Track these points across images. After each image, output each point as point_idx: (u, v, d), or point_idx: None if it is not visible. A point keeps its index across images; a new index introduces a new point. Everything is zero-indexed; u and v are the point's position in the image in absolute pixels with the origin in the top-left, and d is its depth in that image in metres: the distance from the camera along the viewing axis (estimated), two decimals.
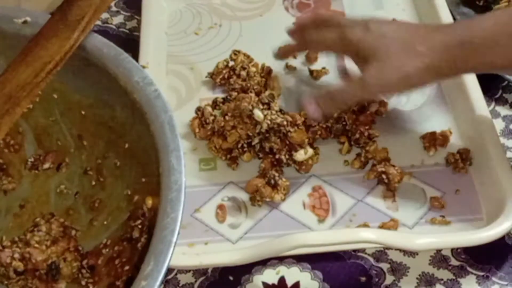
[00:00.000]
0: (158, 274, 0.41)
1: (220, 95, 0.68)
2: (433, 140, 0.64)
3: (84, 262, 0.53)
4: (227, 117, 0.63)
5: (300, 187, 0.62)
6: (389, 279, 0.57)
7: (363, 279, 0.57)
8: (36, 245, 0.53)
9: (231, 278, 0.58)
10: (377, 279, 0.57)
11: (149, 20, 0.74)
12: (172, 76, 0.72)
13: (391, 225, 0.58)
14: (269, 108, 0.62)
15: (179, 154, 0.46)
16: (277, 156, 0.62)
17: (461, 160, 0.61)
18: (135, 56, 0.68)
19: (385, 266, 0.58)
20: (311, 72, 0.70)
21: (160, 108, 0.48)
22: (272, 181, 0.60)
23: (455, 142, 0.64)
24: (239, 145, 0.63)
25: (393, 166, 0.61)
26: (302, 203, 0.61)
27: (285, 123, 0.61)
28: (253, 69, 0.69)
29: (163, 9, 0.78)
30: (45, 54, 0.49)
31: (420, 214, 0.60)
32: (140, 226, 0.49)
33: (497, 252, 0.58)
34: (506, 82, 0.70)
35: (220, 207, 0.61)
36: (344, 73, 0.70)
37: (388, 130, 0.66)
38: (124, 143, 0.52)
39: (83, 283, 0.53)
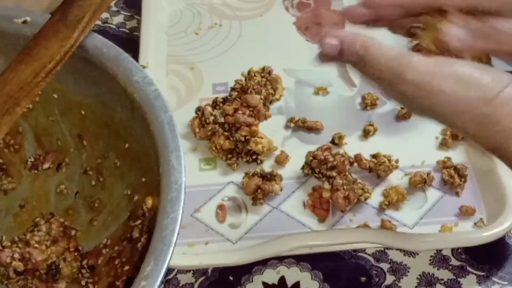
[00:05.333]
0: (158, 274, 0.41)
1: (220, 95, 0.68)
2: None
3: (84, 262, 0.53)
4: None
5: (300, 187, 0.62)
6: (389, 279, 0.57)
7: (363, 279, 0.57)
8: (36, 245, 0.53)
9: (231, 278, 0.58)
10: (377, 279, 0.57)
11: (149, 20, 0.74)
12: (172, 76, 0.72)
13: (391, 225, 0.59)
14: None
15: (179, 154, 0.46)
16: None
17: (458, 176, 0.61)
18: (135, 56, 0.68)
19: (385, 266, 0.58)
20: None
21: (160, 108, 0.48)
22: (268, 175, 0.61)
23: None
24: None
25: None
26: (302, 203, 0.61)
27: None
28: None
29: (163, 9, 0.78)
30: (45, 54, 0.49)
31: (420, 214, 0.60)
32: (140, 226, 0.49)
33: (497, 252, 0.58)
34: None
35: (220, 207, 0.61)
36: None
37: (388, 130, 0.66)
38: (124, 143, 0.52)
39: (83, 283, 0.53)
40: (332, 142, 0.65)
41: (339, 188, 0.59)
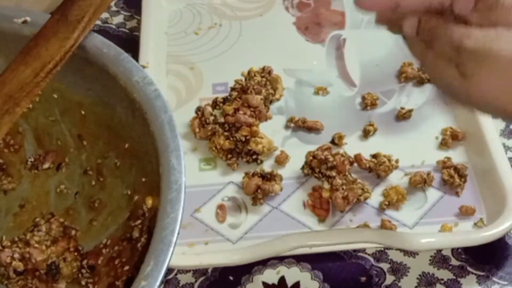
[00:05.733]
0: (158, 274, 0.41)
1: (220, 95, 0.68)
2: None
3: (84, 262, 0.53)
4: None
5: (300, 187, 0.62)
6: (389, 279, 0.57)
7: (363, 279, 0.57)
8: (36, 245, 0.53)
9: (231, 278, 0.58)
10: (377, 279, 0.57)
11: (149, 20, 0.74)
12: (172, 76, 0.72)
13: (391, 225, 0.59)
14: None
15: (179, 154, 0.46)
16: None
17: (458, 176, 0.61)
18: (135, 56, 0.68)
19: (385, 266, 0.58)
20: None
21: (160, 108, 0.48)
22: (268, 175, 0.61)
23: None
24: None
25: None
26: (302, 203, 0.61)
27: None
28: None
29: (163, 9, 0.78)
30: (45, 54, 0.49)
31: (420, 214, 0.60)
32: (140, 226, 0.49)
33: (497, 252, 0.58)
34: None
35: (220, 207, 0.61)
36: None
37: (388, 130, 0.66)
38: (124, 143, 0.52)
39: (83, 283, 0.53)
40: (332, 142, 0.65)
41: (338, 188, 0.59)
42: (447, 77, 0.44)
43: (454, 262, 0.58)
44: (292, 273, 0.58)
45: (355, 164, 0.63)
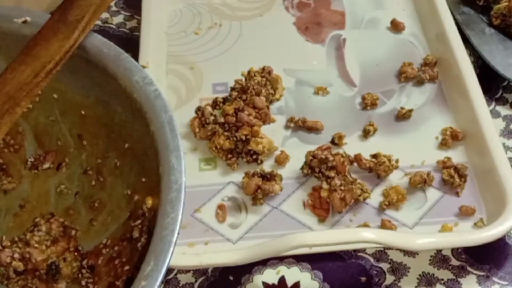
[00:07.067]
0: (158, 274, 0.41)
1: (220, 95, 0.68)
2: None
3: (84, 262, 0.53)
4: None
5: (300, 187, 0.62)
6: (389, 279, 0.57)
7: (363, 279, 0.57)
8: (36, 245, 0.53)
9: (231, 278, 0.58)
10: (377, 279, 0.57)
11: (149, 20, 0.74)
12: (172, 76, 0.72)
13: (391, 225, 0.59)
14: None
15: (179, 154, 0.46)
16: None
17: (458, 176, 0.61)
18: (135, 56, 0.68)
19: (385, 266, 0.58)
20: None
21: (160, 108, 0.48)
22: (268, 175, 0.61)
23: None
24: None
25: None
26: (302, 203, 0.61)
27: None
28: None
29: (163, 9, 0.78)
30: (45, 54, 0.49)
31: (420, 214, 0.60)
32: (140, 226, 0.49)
33: (498, 252, 0.58)
34: (506, 82, 0.70)
35: (220, 207, 0.61)
36: None
37: (388, 130, 0.66)
38: (124, 143, 0.52)
39: (83, 283, 0.53)
40: (332, 142, 0.65)
41: (337, 189, 0.59)
42: None
43: (454, 262, 0.58)
44: (292, 273, 0.58)
45: (355, 164, 0.62)
